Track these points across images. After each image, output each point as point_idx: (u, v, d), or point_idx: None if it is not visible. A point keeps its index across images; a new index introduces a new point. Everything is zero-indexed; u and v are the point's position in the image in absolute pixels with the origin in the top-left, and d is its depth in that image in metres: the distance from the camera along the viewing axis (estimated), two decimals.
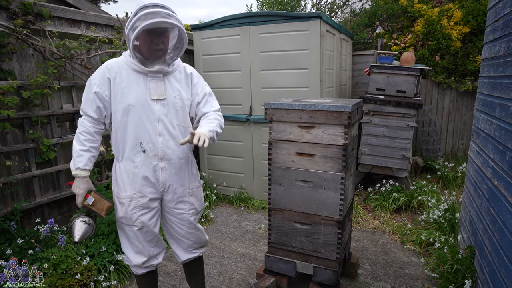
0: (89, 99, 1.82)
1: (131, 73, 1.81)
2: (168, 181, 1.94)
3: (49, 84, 2.92)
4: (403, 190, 4.14)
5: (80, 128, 1.84)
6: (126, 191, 1.89)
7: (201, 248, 2.19)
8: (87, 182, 1.83)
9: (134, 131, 1.83)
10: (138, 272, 2.08)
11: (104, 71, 1.80)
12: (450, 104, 5.39)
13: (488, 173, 2.27)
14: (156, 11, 1.69)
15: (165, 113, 1.86)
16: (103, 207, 1.85)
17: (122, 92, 1.80)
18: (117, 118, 1.83)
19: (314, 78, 3.74)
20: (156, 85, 1.84)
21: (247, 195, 4.29)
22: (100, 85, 1.79)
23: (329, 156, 2.22)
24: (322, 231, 2.33)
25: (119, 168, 1.91)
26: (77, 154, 1.81)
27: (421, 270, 2.86)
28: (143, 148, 1.85)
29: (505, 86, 2.08)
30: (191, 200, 2.03)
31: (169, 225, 2.07)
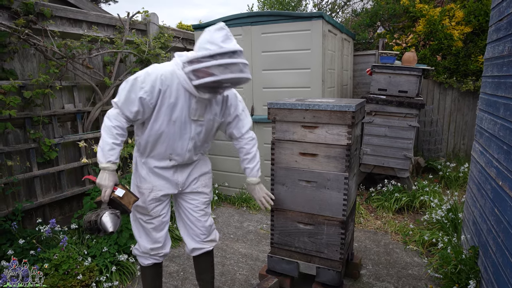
0: (130, 100, 1.77)
1: (180, 89, 1.80)
2: (186, 180, 2.08)
3: (50, 84, 2.91)
4: (405, 190, 4.13)
5: (114, 122, 1.80)
6: (147, 183, 2.00)
7: (210, 242, 2.23)
8: (115, 175, 1.84)
9: (167, 143, 1.90)
10: (144, 263, 2.15)
11: (157, 81, 1.75)
12: (452, 104, 5.38)
13: (492, 173, 2.26)
14: (236, 62, 1.65)
15: (198, 132, 1.94)
16: (130, 201, 1.86)
17: (167, 107, 1.80)
18: (155, 127, 1.85)
19: (316, 78, 3.73)
20: (200, 107, 1.88)
21: (248, 196, 4.28)
22: (149, 93, 1.75)
23: (332, 156, 2.21)
24: (325, 232, 2.32)
25: (141, 162, 2.01)
26: (110, 147, 1.79)
27: (424, 270, 2.85)
28: (171, 158, 1.96)
29: (510, 86, 2.07)
30: (205, 190, 2.16)
31: (182, 211, 2.17)
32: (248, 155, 2.16)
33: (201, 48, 1.68)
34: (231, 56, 1.65)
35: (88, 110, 3.29)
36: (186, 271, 2.89)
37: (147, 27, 3.89)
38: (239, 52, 1.68)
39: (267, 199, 2.25)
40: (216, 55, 1.63)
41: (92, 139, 3.34)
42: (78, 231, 3.01)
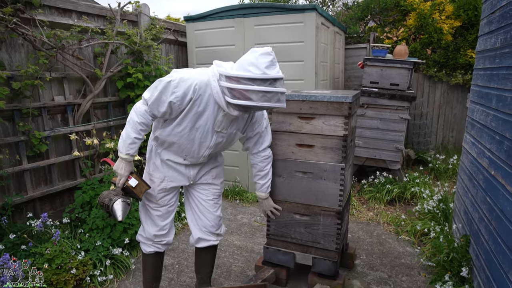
0: (160, 101, 1.77)
1: (210, 100, 1.79)
2: (198, 173, 2.12)
3: (40, 75, 2.83)
4: (396, 182, 4.19)
5: (141, 118, 1.83)
6: (159, 172, 2.06)
7: (216, 235, 2.25)
8: (131, 165, 1.94)
9: (185, 146, 1.93)
10: (146, 250, 2.18)
11: (190, 89, 1.73)
12: (441, 97, 5.46)
13: (485, 163, 2.30)
14: (276, 91, 1.63)
15: (218, 143, 1.96)
16: (141, 190, 1.96)
17: (194, 114, 1.81)
18: (177, 129, 1.86)
19: (310, 71, 3.73)
20: (225, 120, 1.88)
21: (241, 188, 4.28)
22: (179, 99, 1.74)
23: (329, 147, 2.22)
24: (322, 222, 2.33)
25: (156, 152, 2.05)
26: (132, 141, 1.86)
27: (416, 259, 2.90)
28: (185, 158, 2.01)
29: (502, 77, 2.10)
30: (216, 181, 2.21)
31: (192, 201, 2.21)
32: (261, 172, 2.24)
33: (243, 68, 1.64)
34: (272, 84, 1.62)
35: (79, 102, 3.23)
36: (181, 264, 2.88)
37: (138, 18, 3.82)
38: (280, 81, 1.65)
39: (274, 212, 2.39)
40: (258, 80, 1.61)
41: (83, 132, 3.28)
42: (70, 226, 2.97)
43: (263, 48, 1.66)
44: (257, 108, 1.74)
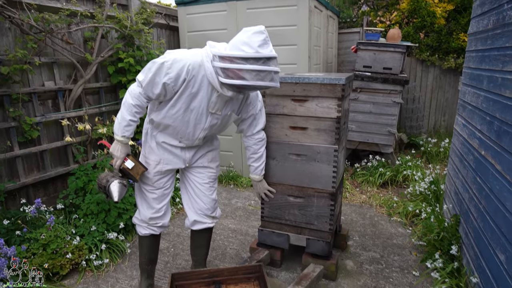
0: (154, 83, 1.76)
1: (204, 81, 1.79)
2: (194, 156, 2.12)
3: (29, 60, 2.78)
4: (389, 166, 4.24)
5: (135, 101, 1.83)
6: (155, 155, 2.06)
7: (212, 218, 2.27)
8: (128, 147, 1.95)
9: (180, 128, 1.92)
10: (142, 232, 2.20)
11: (183, 70, 1.73)
12: (434, 82, 5.49)
13: (475, 143, 2.33)
14: (269, 70, 1.62)
15: (213, 124, 1.96)
16: (138, 171, 1.98)
17: (188, 95, 1.81)
18: (171, 111, 1.86)
19: (303, 55, 3.71)
20: (219, 101, 1.87)
21: (235, 173, 4.29)
22: (173, 80, 1.74)
23: (322, 129, 2.23)
24: (315, 204, 2.36)
25: (151, 134, 2.05)
26: (127, 124, 1.87)
27: (408, 239, 2.96)
28: (180, 140, 2.01)
29: (494, 58, 2.12)
30: (211, 165, 2.21)
31: (188, 184, 2.22)
32: (255, 155, 2.25)
33: (235, 48, 1.63)
34: (265, 63, 1.62)
35: (70, 88, 3.18)
36: (177, 247, 2.91)
37: (128, 1, 3.75)
38: (273, 59, 1.65)
39: (268, 194, 2.40)
40: (251, 59, 1.60)
41: (75, 118, 3.25)
42: (65, 211, 2.97)
43: (256, 27, 1.64)
44: (251, 88, 1.73)
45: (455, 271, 2.29)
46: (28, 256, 2.39)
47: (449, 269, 2.28)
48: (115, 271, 2.60)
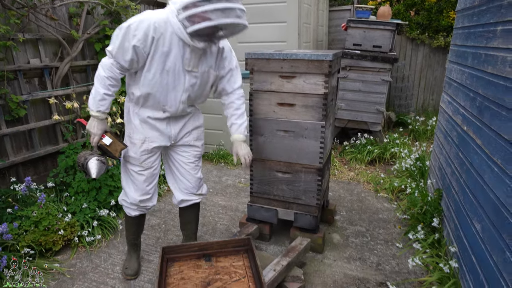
0: (124, 48, 1.75)
1: (174, 38, 1.77)
2: (179, 133, 2.11)
3: (12, 36, 2.72)
4: (377, 143, 4.31)
5: (108, 72, 1.81)
6: (139, 133, 2.03)
7: (198, 195, 2.29)
8: (104, 123, 1.93)
9: (160, 94, 1.89)
10: (131, 214, 2.21)
11: (150, 29, 1.72)
12: (423, 60, 5.52)
13: (458, 120, 2.39)
14: (233, 7, 1.61)
15: (192, 84, 1.93)
16: (117, 149, 1.95)
17: (160, 55, 1.78)
18: (148, 77, 1.83)
19: (292, 32, 3.69)
20: (194, 57, 1.85)
21: (226, 152, 4.33)
22: (142, 41, 1.73)
23: (309, 106, 2.26)
24: (303, 179, 2.42)
25: (134, 112, 2.02)
26: (101, 98, 1.84)
27: (393, 214, 3.06)
28: (164, 109, 1.97)
29: (479, 35, 2.15)
30: (197, 143, 2.21)
31: (172, 163, 2.22)
32: (238, 111, 2.17)
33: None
34: (229, 0, 1.61)
35: (56, 66, 3.14)
36: (168, 223, 2.96)
37: None
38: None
39: (248, 160, 2.24)
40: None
41: (62, 96, 3.21)
42: (56, 190, 2.98)
43: None
44: (219, 30, 1.73)
45: (436, 242, 2.39)
46: (20, 233, 2.42)
47: (430, 240, 2.37)
48: (108, 246, 2.65)
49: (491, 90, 1.81)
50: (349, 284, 2.23)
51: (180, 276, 2.02)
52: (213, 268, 2.09)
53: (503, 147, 1.57)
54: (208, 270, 2.07)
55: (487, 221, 1.66)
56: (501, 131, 1.61)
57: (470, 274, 1.83)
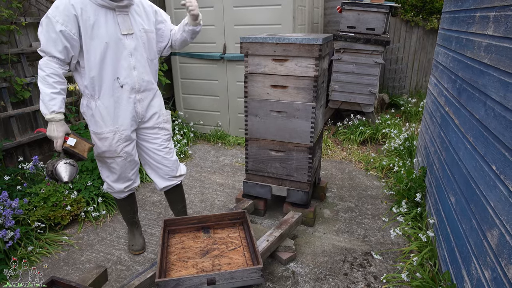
0: (51, 39, 1.73)
1: (96, 9, 1.79)
2: (146, 112, 2.10)
3: (15, 20, 2.81)
4: (369, 124, 4.45)
5: (47, 70, 1.76)
6: (108, 126, 1.99)
7: (178, 177, 2.36)
8: (63, 124, 1.82)
9: (111, 67, 1.88)
10: (121, 196, 2.30)
11: (68, 8, 1.72)
12: (417, 43, 5.59)
13: (442, 101, 2.53)
14: None
15: (135, 47, 1.95)
16: (84, 148, 1.88)
17: (92, 29, 1.78)
18: (90, 57, 1.83)
19: (287, 15, 3.77)
20: (124, 20, 1.89)
21: (223, 132, 4.47)
22: (65, 23, 1.72)
23: (301, 88, 2.39)
24: (295, 157, 2.58)
25: (97, 106, 1.96)
26: (49, 98, 1.76)
27: (381, 191, 3.24)
28: (121, 83, 1.94)
29: (462, 20, 2.26)
30: (166, 126, 2.23)
31: (146, 154, 2.24)
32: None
33: None
34: None
35: None
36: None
37: None
38: None
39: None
40: None
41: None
42: None
43: None
44: None
45: (418, 216, 2.58)
46: (30, 208, 2.58)
47: (413, 214, 2.56)
48: (112, 221, 2.83)
49: (468, 73, 1.94)
50: (337, 254, 2.42)
51: (181, 245, 2.21)
52: (211, 239, 2.27)
53: (475, 126, 1.71)
54: (207, 240, 2.26)
55: (460, 194, 1.83)
56: (474, 111, 1.75)
57: (445, 242, 2.01)
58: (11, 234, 2.27)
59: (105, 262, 2.36)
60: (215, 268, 2.01)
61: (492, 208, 1.40)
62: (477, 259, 1.51)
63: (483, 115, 1.62)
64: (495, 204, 1.39)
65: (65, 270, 2.28)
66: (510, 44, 1.40)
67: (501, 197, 1.34)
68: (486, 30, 1.71)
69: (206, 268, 2.00)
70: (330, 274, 2.22)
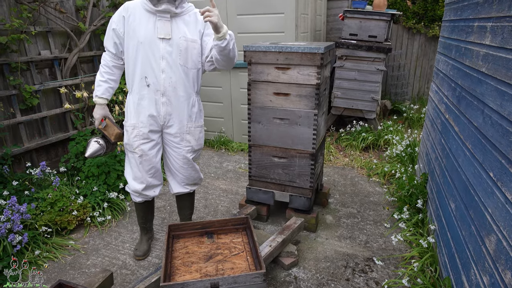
0: (109, 35, 2.08)
1: (143, 13, 2.01)
2: (168, 116, 2.16)
3: (25, 29, 2.89)
4: (372, 131, 4.49)
5: (102, 61, 2.15)
6: (131, 120, 2.16)
7: (193, 185, 2.44)
8: (103, 109, 2.19)
9: (141, 66, 2.05)
10: (136, 200, 2.36)
11: (121, 10, 2.03)
12: (419, 49, 5.64)
13: (442, 108, 2.57)
14: None
15: (169, 52, 2.04)
16: (112, 133, 2.20)
17: (133, 30, 2.01)
18: (129, 53, 2.06)
19: (290, 23, 3.83)
20: (163, 25, 2.01)
21: (226, 139, 4.52)
22: (117, 23, 2.04)
23: (303, 95, 2.44)
24: (297, 163, 2.61)
25: (128, 99, 2.18)
26: (97, 84, 2.15)
27: (383, 197, 3.26)
28: (148, 82, 2.07)
29: (461, 29, 2.30)
30: (188, 137, 2.23)
31: (167, 157, 2.33)
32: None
33: None
34: None
35: (65, 57, 3.31)
36: (172, 205, 3.18)
37: None
38: None
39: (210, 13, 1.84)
40: None
41: (71, 86, 3.39)
42: (67, 174, 3.19)
43: None
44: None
45: (419, 222, 2.60)
46: (38, 213, 2.64)
47: (414, 220, 2.58)
48: (117, 226, 2.87)
49: (467, 81, 1.98)
50: (338, 259, 2.45)
51: (185, 250, 2.24)
52: (215, 244, 2.30)
53: (474, 133, 1.75)
54: (210, 245, 2.29)
55: (459, 200, 1.86)
56: (472, 119, 1.79)
57: (445, 248, 2.03)
58: (19, 238, 2.32)
59: (110, 266, 2.40)
60: (218, 272, 2.04)
61: (490, 214, 1.43)
62: (476, 265, 1.54)
63: (481, 123, 1.65)
64: (492, 211, 1.42)
65: (71, 274, 2.33)
66: (506, 54, 1.43)
67: (498, 204, 1.37)
68: (484, 39, 1.75)
69: (210, 273, 2.03)
70: (332, 280, 2.25)
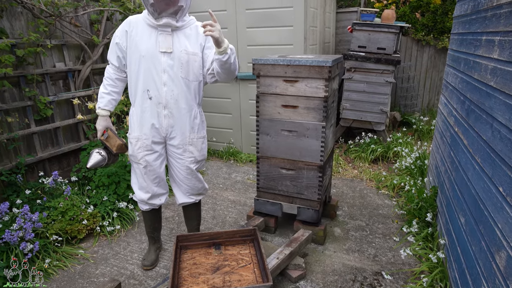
0: (112, 49, 2.14)
1: (145, 27, 2.06)
2: (170, 128, 2.19)
3: (41, 43, 2.98)
4: (381, 142, 4.47)
5: (105, 74, 2.21)
6: (134, 132, 2.21)
7: (198, 195, 2.46)
8: (105, 120, 2.23)
9: (143, 79, 2.09)
10: (143, 208, 2.40)
11: (124, 24, 2.09)
12: (428, 61, 5.63)
13: (451, 121, 2.55)
14: None
15: (171, 65, 2.08)
16: (114, 144, 2.23)
17: (136, 44, 2.05)
18: (131, 67, 2.10)
19: (299, 35, 3.87)
20: (164, 39, 2.06)
21: (235, 149, 4.55)
22: (120, 37, 2.09)
23: (311, 108, 2.46)
24: (305, 175, 2.62)
25: (131, 112, 2.23)
26: (100, 96, 2.20)
27: (392, 210, 3.23)
28: (150, 95, 2.11)
29: (469, 42, 2.31)
30: (191, 149, 2.26)
31: (171, 168, 2.36)
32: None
33: None
34: None
35: (79, 69, 3.39)
36: (181, 216, 3.20)
37: None
38: None
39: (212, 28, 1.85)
40: None
41: (84, 97, 3.47)
42: (78, 183, 3.24)
43: None
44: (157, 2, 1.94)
45: (429, 236, 2.56)
46: (49, 222, 2.68)
47: (424, 234, 2.55)
48: (126, 236, 2.90)
49: (476, 94, 1.97)
50: (347, 273, 2.42)
51: (193, 261, 2.25)
52: (222, 255, 2.31)
53: (482, 147, 1.74)
54: (218, 257, 2.29)
55: (469, 215, 1.84)
56: (481, 132, 1.78)
57: (455, 263, 2.00)
58: (31, 247, 2.36)
59: (118, 276, 2.42)
60: (225, 284, 2.04)
61: (500, 230, 1.42)
62: (486, 281, 1.51)
63: (490, 136, 1.64)
64: (502, 226, 1.40)
65: (80, 284, 2.35)
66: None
67: (508, 219, 1.35)
68: (492, 53, 1.75)
69: (217, 285, 2.03)
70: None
